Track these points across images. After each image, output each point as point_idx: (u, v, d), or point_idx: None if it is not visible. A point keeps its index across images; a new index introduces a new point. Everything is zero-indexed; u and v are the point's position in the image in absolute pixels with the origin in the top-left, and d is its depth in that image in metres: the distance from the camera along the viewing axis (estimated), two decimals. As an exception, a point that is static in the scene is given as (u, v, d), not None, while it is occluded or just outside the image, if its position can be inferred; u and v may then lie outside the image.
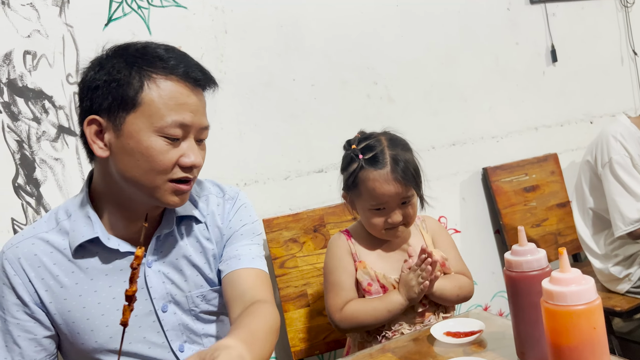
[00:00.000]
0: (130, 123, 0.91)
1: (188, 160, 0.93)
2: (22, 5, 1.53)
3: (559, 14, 2.43)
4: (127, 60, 0.92)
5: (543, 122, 2.40)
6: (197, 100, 0.95)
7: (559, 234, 2.28)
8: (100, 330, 0.98)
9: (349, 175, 1.34)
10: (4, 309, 0.97)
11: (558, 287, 0.74)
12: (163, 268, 1.03)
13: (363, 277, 1.33)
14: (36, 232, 0.99)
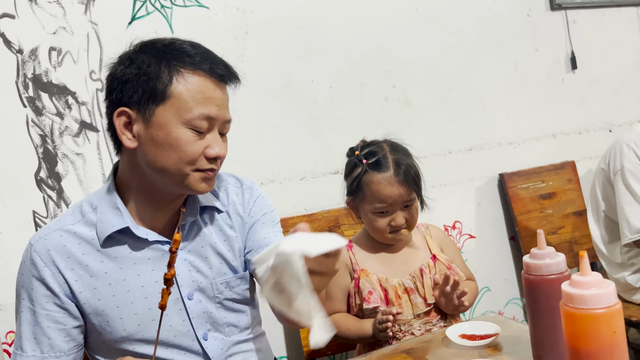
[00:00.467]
0: (159, 115, 0.94)
1: (213, 152, 0.96)
2: (49, 3, 1.56)
3: (579, 21, 2.41)
4: (156, 55, 0.96)
5: (561, 129, 2.39)
6: (222, 94, 0.98)
7: (575, 243, 2.26)
8: (130, 317, 1.00)
9: (353, 180, 1.38)
10: (33, 301, 0.98)
11: (578, 290, 0.74)
12: (188, 256, 1.05)
13: (365, 285, 1.36)
14: (62, 225, 1.01)
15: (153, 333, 1.01)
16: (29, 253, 1.00)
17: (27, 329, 0.99)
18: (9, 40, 1.52)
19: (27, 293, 0.99)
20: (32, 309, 0.98)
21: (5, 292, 1.50)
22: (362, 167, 1.36)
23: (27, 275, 0.99)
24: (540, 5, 2.33)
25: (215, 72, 0.97)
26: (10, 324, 1.51)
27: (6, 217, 1.51)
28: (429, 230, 1.50)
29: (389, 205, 1.34)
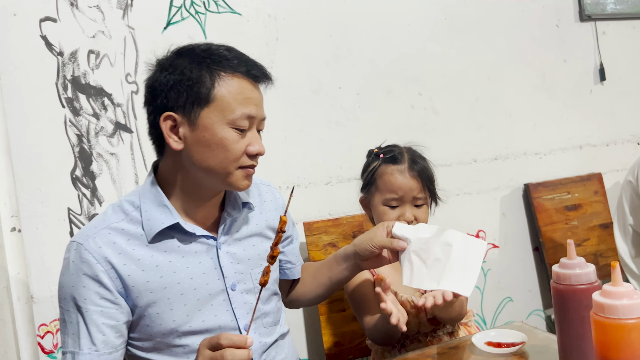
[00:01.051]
0: (204, 117, 0.99)
1: (254, 149, 1.03)
2: (89, 7, 1.62)
3: (609, 32, 2.40)
4: (196, 61, 1.01)
5: (588, 140, 2.37)
6: (258, 94, 1.05)
7: (600, 255, 2.24)
8: (179, 309, 1.04)
9: (368, 173, 1.42)
10: (86, 299, 1.00)
11: (610, 300, 0.75)
12: (230, 249, 1.11)
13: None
14: (108, 223, 1.04)
15: (200, 324, 1.05)
16: (79, 252, 1.01)
17: (82, 327, 1.00)
18: (51, 43, 1.57)
19: (78, 292, 1.01)
20: (84, 307, 1.00)
21: (40, 286, 1.55)
22: (378, 161, 1.40)
23: (77, 274, 1.01)
24: (570, 16, 2.33)
25: (251, 73, 1.03)
26: (43, 316, 1.56)
27: (42, 214, 1.56)
28: None
29: (399, 198, 1.35)
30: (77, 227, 1.60)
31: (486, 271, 2.16)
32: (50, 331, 1.57)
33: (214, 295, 1.07)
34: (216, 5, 1.77)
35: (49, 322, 1.57)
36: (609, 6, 2.39)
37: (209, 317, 1.06)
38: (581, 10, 2.32)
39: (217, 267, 1.08)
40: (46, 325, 1.57)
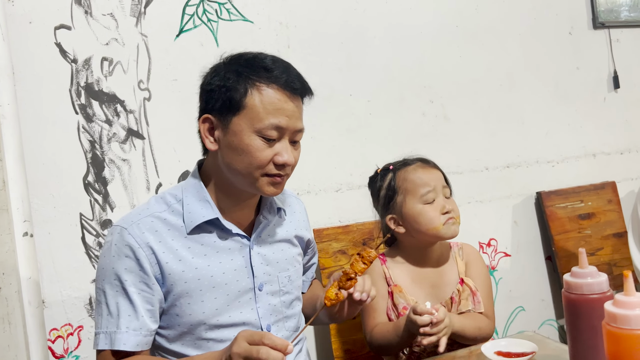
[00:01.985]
0: (235, 123, 1.04)
1: (281, 159, 1.04)
2: (103, 15, 1.64)
3: (623, 40, 2.38)
4: (237, 69, 1.05)
5: (602, 149, 2.35)
6: (294, 106, 1.06)
7: (614, 265, 2.21)
8: (210, 301, 1.07)
9: (387, 190, 1.38)
10: (127, 281, 1.04)
11: (622, 310, 0.73)
12: (261, 250, 1.15)
13: (399, 301, 1.36)
14: (152, 212, 1.09)
15: (226, 318, 1.09)
16: (122, 235, 1.05)
17: (121, 308, 1.03)
18: (65, 50, 1.59)
19: (119, 273, 1.04)
20: (125, 288, 1.04)
21: (51, 290, 1.57)
22: (391, 172, 1.39)
23: (119, 257, 1.04)
24: (583, 24, 2.31)
25: (289, 85, 1.05)
26: (54, 320, 1.57)
27: (55, 219, 1.57)
28: (461, 251, 1.46)
29: (433, 189, 1.34)
30: (89, 232, 1.61)
31: (498, 280, 2.13)
32: (61, 335, 1.58)
33: (242, 293, 1.11)
34: (228, 13, 1.78)
35: (60, 326, 1.58)
36: (623, 14, 2.37)
37: (235, 313, 1.09)
38: (594, 18, 2.31)
39: (247, 266, 1.12)
40: (57, 329, 1.58)
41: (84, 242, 1.61)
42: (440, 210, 1.33)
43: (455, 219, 1.35)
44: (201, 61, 1.73)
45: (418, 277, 1.40)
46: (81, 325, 1.60)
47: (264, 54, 1.10)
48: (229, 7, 1.78)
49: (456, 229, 1.35)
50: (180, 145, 1.71)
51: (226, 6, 1.78)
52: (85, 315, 1.60)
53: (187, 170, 1.72)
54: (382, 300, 1.38)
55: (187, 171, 1.72)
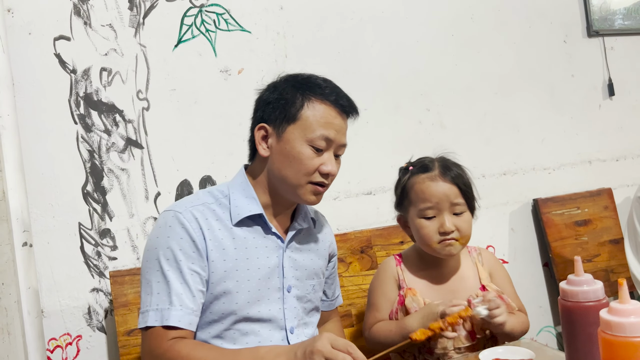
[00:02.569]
0: (289, 132, 1.14)
1: (326, 168, 1.14)
2: (102, 26, 1.65)
3: (617, 47, 2.40)
4: (295, 85, 1.17)
5: (598, 155, 2.36)
6: (341, 122, 1.18)
7: (611, 271, 2.22)
8: (243, 293, 1.13)
9: (400, 189, 1.36)
10: (181, 260, 1.09)
11: (617, 317, 0.74)
12: (293, 255, 1.23)
13: (412, 305, 1.30)
14: (203, 202, 1.16)
15: (256, 313, 1.14)
16: (177, 218, 1.12)
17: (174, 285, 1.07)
18: (64, 61, 1.61)
19: (175, 253, 1.09)
20: (179, 268, 1.09)
21: (50, 300, 1.57)
22: (408, 174, 1.34)
23: (174, 237, 1.10)
24: (577, 32, 2.34)
25: (339, 103, 1.16)
26: (53, 330, 1.57)
27: (54, 228, 1.58)
28: (481, 257, 1.42)
29: (434, 206, 1.26)
30: (88, 241, 1.62)
31: (495, 287, 2.14)
32: (60, 345, 1.58)
33: (272, 291, 1.17)
34: (226, 24, 1.80)
35: (59, 336, 1.58)
36: (617, 22, 2.39)
37: (264, 309, 1.15)
38: (589, 26, 2.33)
39: (279, 266, 1.19)
40: (56, 339, 1.58)
41: (83, 252, 1.61)
42: (438, 229, 1.27)
43: (455, 240, 1.27)
44: (199, 71, 1.76)
45: (435, 281, 1.35)
46: (80, 335, 1.60)
47: (316, 75, 1.21)
48: (227, 18, 1.80)
49: (451, 250, 1.28)
50: (179, 155, 1.72)
51: (224, 16, 1.80)
52: (84, 324, 1.60)
53: (186, 179, 1.73)
54: (387, 302, 1.35)
55: (186, 180, 1.73)
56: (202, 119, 1.75)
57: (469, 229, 1.29)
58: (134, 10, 1.69)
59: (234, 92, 1.79)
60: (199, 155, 1.75)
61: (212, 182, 1.76)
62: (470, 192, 1.30)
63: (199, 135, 1.75)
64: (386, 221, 1.95)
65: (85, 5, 1.63)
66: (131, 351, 1.52)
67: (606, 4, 2.37)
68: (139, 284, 1.56)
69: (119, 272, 1.56)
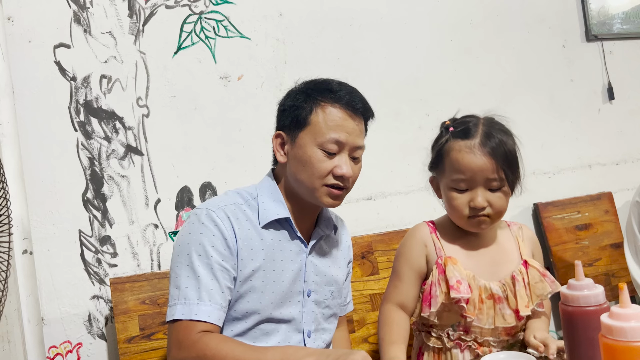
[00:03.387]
0: (301, 137, 1.16)
1: (340, 171, 1.14)
2: (101, 33, 1.66)
3: (616, 51, 2.41)
4: (306, 91, 1.18)
5: (598, 160, 2.36)
6: (354, 124, 1.17)
7: (613, 275, 2.22)
8: (268, 294, 1.15)
9: (436, 150, 1.24)
10: (212, 256, 1.10)
11: (618, 322, 0.74)
12: (315, 260, 1.24)
13: (453, 274, 1.17)
14: (234, 201, 1.19)
15: (278, 314, 1.16)
16: (209, 216, 1.13)
17: (204, 281, 1.08)
18: (64, 69, 1.61)
19: (206, 249, 1.11)
20: (209, 263, 1.10)
21: (50, 308, 1.57)
22: (447, 134, 1.22)
23: (206, 234, 1.12)
24: (576, 37, 2.34)
25: (350, 105, 1.16)
26: (53, 338, 1.57)
27: (54, 235, 1.58)
28: (521, 232, 1.31)
29: (468, 179, 1.16)
30: (88, 248, 1.62)
31: (497, 292, 2.13)
32: (60, 353, 1.58)
33: (294, 294, 1.19)
34: (225, 30, 1.81)
35: (59, 344, 1.58)
36: (616, 26, 2.40)
37: (286, 311, 1.17)
38: (587, 31, 2.34)
39: (302, 270, 1.20)
40: (56, 347, 1.57)
41: (83, 259, 1.61)
42: (468, 203, 1.17)
43: (486, 217, 1.18)
44: (199, 77, 1.77)
45: (474, 250, 1.24)
46: (80, 343, 1.59)
47: (332, 79, 1.22)
48: (226, 24, 1.81)
49: (481, 226, 1.19)
50: (179, 161, 1.72)
51: (223, 23, 1.80)
52: (84, 332, 1.60)
53: (186, 186, 1.73)
54: (410, 271, 1.24)
55: (186, 186, 1.73)
56: (202, 126, 1.75)
57: (504, 206, 1.19)
58: (133, 18, 1.69)
59: (233, 99, 1.80)
60: (199, 161, 1.75)
61: (212, 188, 1.76)
62: (512, 166, 1.18)
63: (199, 142, 1.75)
64: (387, 226, 1.95)
65: (85, 13, 1.64)
66: (132, 358, 1.51)
67: (605, 8, 2.37)
68: (139, 291, 1.56)
69: (120, 279, 1.56)
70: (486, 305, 1.17)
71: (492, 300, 1.18)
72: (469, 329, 1.19)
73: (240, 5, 1.82)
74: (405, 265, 1.26)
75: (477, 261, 1.22)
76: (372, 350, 1.73)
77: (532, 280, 1.21)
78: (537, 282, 1.21)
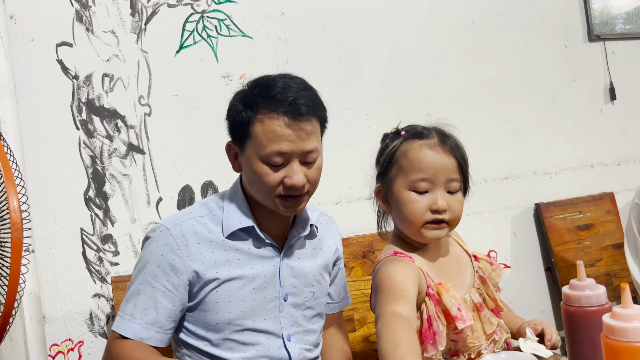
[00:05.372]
0: (247, 150, 1.10)
1: (289, 181, 1.08)
2: (104, 32, 1.66)
3: (618, 52, 2.40)
4: (244, 100, 1.11)
5: (599, 160, 2.36)
6: (298, 130, 1.06)
7: (614, 276, 2.21)
8: (237, 304, 1.13)
9: (386, 155, 1.12)
10: (156, 277, 1.10)
11: (620, 322, 0.74)
12: (291, 263, 1.20)
13: (450, 302, 1.03)
14: (194, 215, 1.16)
15: (251, 323, 1.14)
16: (164, 235, 1.12)
17: (141, 300, 1.10)
18: (67, 67, 1.61)
19: (152, 269, 1.11)
20: (152, 283, 1.10)
21: (52, 306, 1.57)
22: (400, 138, 1.12)
23: (156, 255, 1.11)
24: (578, 36, 2.34)
25: (291, 111, 1.06)
26: (55, 336, 1.57)
27: (56, 234, 1.58)
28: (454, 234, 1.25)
29: (430, 178, 1.05)
30: (90, 247, 1.62)
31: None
32: (62, 351, 1.58)
33: (268, 301, 1.16)
34: (227, 29, 1.81)
35: (61, 342, 1.58)
36: (618, 26, 2.40)
37: (259, 319, 1.14)
38: (590, 31, 2.33)
39: (276, 275, 1.16)
40: (57, 345, 1.58)
41: (85, 257, 1.61)
42: (430, 206, 1.06)
43: (444, 224, 1.08)
44: (201, 76, 1.77)
45: (439, 264, 1.12)
46: (81, 341, 1.60)
47: (278, 78, 1.11)
48: (229, 23, 1.81)
49: (438, 234, 1.08)
50: (181, 160, 1.73)
51: (225, 22, 1.80)
52: (86, 330, 1.60)
53: (187, 185, 1.73)
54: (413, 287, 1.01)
55: (188, 185, 1.73)
56: (204, 125, 1.76)
57: (461, 212, 1.10)
58: (135, 17, 1.69)
59: (235, 98, 1.80)
60: (201, 160, 1.75)
61: (214, 187, 1.76)
62: (467, 169, 1.13)
63: (201, 141, 1.75)
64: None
65: (88, 11, 1.64)
66: (133, 357, 1.51)
67: (607, 8, 2.37)
68: (140, 290, 1.56)
69: (121, 277, 1.56)
70: (475, 320, 1.07)
71: (476, 312, 1.09)
72: (459, 351, 1.08)
73: (243, 4, 1.82)
74: (408, 278, 1.02)
75: (447, 275, 1.11)
76: (373, 350, 1.73)
77: (487, 272, 1.16)
78: (490, 273, 1.17)
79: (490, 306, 1.14)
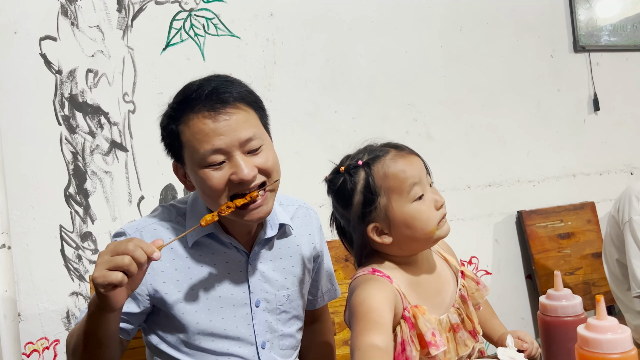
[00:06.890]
0: (186, 163, 1.03)
1: (237, 177, 0.99)
2: (89, 27, 1.64)
3: (602, 63, 2.43)
4: (168, 113, 1.05)
5: (582, 169, 2.39)
6: (225, 122, 0.98)
7: (593, 284, 2.24)
8: (203, 312, 1.08)
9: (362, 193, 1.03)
10: None
11: (594, 334, 0.75)
12: (261, 267, 1.14)
13: (425, 327, 0.99)
14: (157, 220, 1.10)
15: (221, 330, 1.09)
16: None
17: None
18: (50, 61, 1.59)
19: None
20: None
21: (28, 303, 1.54)
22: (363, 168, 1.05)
23: None
24: (564, 47, 2.37)
25: (210, 104, 0.99)
26: (31, 334, 1.54)
27: (34, 230, 1.56)
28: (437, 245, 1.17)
29: (420, 182, 1.02)
30: (69, 244, 1.60)
31: (478, 298, 2.15)
32: (37, 349, 1.56)
33: (238, 307, 1.11)
34: (215, 28, 1.79)
35: (36, 340, 1.55)
36: (603, 38, 2.43)
37: (230, 326, 1.10)
38: (575, 42, 2.36)
39: (244, 281, 1.12)
40: (32, 343, 1.55)
41: (63, 255, 1.59)
42: (435, 206, 1.03)
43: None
44: (187, 75, 1.74)
45: (420, 290, 1.06)
46: (57, 339, 1.57)
47: (197, 80, 1.05)
48: (216, 22, 1.80)
49: (449, 227, 1.06)
50: (164, 159, 1.67)
51: (213, 21, 1.79)
52: (62, 328, 1.58)
53: (170, 184, 1.71)
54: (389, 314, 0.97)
55: (171, 184, 1.71)
56: (189, 124, 1.74)
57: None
58: (122, 12, 1.68)
59: (221, 97, 1.79)
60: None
61: (197, 187, 1.75)
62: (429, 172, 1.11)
63: (185, 140, 1.73)
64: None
65: (73, 5, 1.62)
66: (109, 357, 1.49)
67: (592, 20, 2.40)
68: (119, 289, 1.54)
69: (100, 276, 1.54)
70: (449, 341, 1.03)
71: (452, 332, 1.05)
72: None
73: (231, 3, 1.81)
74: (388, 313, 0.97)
75: (426, 294, 1.06)
76: (353, 354, 1.73)
77: (470, 291, 1.12)
78: (474, 292, 1.13)
79: (468, 327, 1.08)
